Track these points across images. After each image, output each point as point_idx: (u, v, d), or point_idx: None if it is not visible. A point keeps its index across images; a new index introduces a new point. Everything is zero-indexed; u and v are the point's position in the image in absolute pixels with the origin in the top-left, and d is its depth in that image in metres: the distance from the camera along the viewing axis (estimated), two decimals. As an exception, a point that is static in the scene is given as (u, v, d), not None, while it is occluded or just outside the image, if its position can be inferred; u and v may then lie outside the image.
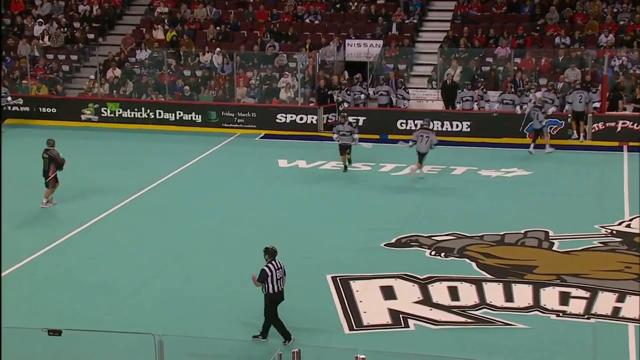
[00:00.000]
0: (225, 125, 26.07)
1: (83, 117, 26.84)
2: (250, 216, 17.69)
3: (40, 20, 29.38)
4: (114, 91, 27.43)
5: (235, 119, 26.15)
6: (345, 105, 25.18)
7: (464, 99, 24.97)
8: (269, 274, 11.69)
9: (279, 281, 11.80)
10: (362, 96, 25.68)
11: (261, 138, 25.43)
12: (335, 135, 21.13)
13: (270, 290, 11.74)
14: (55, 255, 15.53)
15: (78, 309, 13.01)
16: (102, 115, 26.79)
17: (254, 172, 21.29)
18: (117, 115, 26.73)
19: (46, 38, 28.83)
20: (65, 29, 29.33)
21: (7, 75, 27.61)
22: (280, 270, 11.84)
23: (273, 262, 11.83)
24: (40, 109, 26.80)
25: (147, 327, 10.91)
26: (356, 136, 20.99)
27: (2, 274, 14.33)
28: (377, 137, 24.80)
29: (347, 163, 20.95)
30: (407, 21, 28.49)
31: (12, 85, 27.48)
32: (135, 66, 28.06)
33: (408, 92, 25.72)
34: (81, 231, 16.75)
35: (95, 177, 20.66)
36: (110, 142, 24.80)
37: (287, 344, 11.65)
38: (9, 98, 25.57)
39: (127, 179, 20.36)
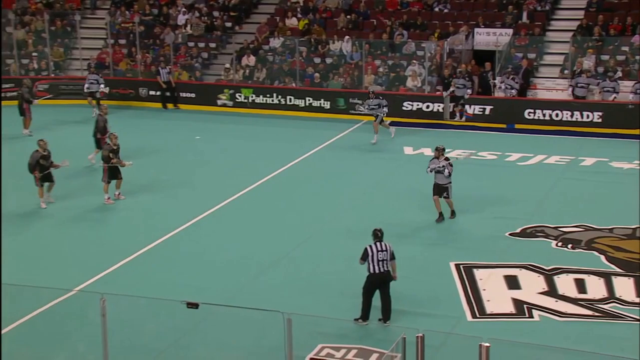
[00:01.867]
0: (353, 112, 26.12)
1: (219, 102, 27.52)
2: (376, 202, 17.66)
3: (184, 9, 30.30)
4: (247, 75, 27.96)
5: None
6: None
7: (604, 89, 23.97)
8: (369, 253, 11.73)
9: (380, 262, 11.76)
10: (469, 91, 24.99)
11: (387, 125, 25.29)
12: (428, 169, 16.38)
13: (371, 270, 11.77)
14: (193, 233, 16.00)
15: (213, 284, 13.38)
16: (237, 100, 27.38)
17: (380, 158, 21.25)
18: (250, 100, 27.27)
19: (188, 27, 29.71)
20: (206, 17, 30.12)
21: (153, 61, 28.65)
22: (383, 252, 11.79)
23: (378, 243, 11.83)
24: (180, 93, 27.67)
25: (277, 304, 11.09)
26: (448, 172, 16.07)
27: (147, 248, 14.98)
28: (504, 126, 24.29)
29: (441, 209, 16.26)
30: (538, 9, 27.61)
31: (156, 71, 28.50)
32: (269, 53, 28.50)
33: (516, 82, 24.92)
34: (216, 210, 17.17)
35: (228, 160, 21.18)
36: (244, 126, 25.32)
37: (358, 322, 11.76)
38: (102, 85, 26.23)
39: (257, 163, 20.72)
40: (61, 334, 11.67)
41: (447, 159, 16.20)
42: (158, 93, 27.51)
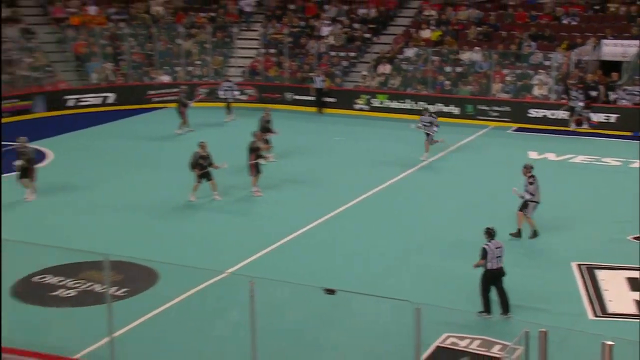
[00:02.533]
0: (480, 117, 25.57)
1: (356, 106, 27.64)
2: (499, 202, 17.12)
3: (328, 22, 30.59)
4: (382, 82, 27.90)
5: (490, 112, 25.56)
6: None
7: None
8: (489, 251, 11.44)
9: (497, 259, 11.48)
10: (581, 104, 23.64)
11: (513, 131, 24.62)
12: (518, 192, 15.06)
13: (489, 267, 11.47)
14: (332, 225, 16.11)
15: (349, 273, 13.44)
16: (372, 105, 27.40)
17: (505, 162, 20.63)
18: (385, 105, 27.22)
19: (331, 37, 29.98)
20: (347, 29, 30.29)
21: (298, 69, 29.14)
22: (499, 249, 11.51)
23: (492, 241, 11.55)
24: (323, 98, 27.93)
25: (405, 294, 10.98)
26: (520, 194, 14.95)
27: (290, 237, 15.18)
28: (630, 133, 23.05)
29: (535, 227, 14.95)
30: (668, 21, 26.00)
31: (301, 78, 28.95)
32: (403, 62, 28.33)
33: (631, 94, 23.44)
34: (353, 205, 17.21)
35: (364, 160, 21.14)
36: (378, 129, 25.28)
37: (482, 315, 11.47)
38: (236, 93, 26.38)
39: (391, 163, 20.61)
40: (214, 311, 12.04)
41: (531, 176, 14.77)
42: (307, 98, 27.82)
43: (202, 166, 17.24)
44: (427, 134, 20.77)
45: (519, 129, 24.60)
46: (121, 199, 17.68)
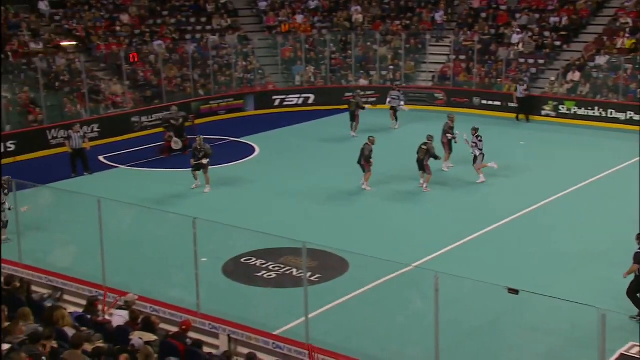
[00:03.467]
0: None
1: (543, 112, 26.46)
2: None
3: (518, 30, 29.53)
4: (570, 89, 26.47)
5: (686, 121, 23.42)
6: None
7: None
8: None
9: None
10: None
11: None
12: None
13: None
14: (516, 226, 15.66)
15: (531, 272, 12.98)
16: (560, 111, 26.08)
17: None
18: (572, 112, 25.81)
19: (520, 45, 28.92)
20: (537, 37, 29.06)
21: (486, 75, 28.43)
22: None
23: None
24: (508, 104, 27.03)
25: (589, 299, 10.36)
26: None
27: (478, 234, 14.96)
28: None
29: None
30: None
31: (489, 83, 28.22)
32: (594, 70, 26.67)
33: None
34: (536, 208, 16.63)
35: (545, 165, 20.22)
36: (564, 135, 24.03)
37: None
38: (402, 103, 25.50)
39: (574, 169, 19.58)
40: (399, 301, 12.12)
41: None
42: (495, 103, 27.18)
43: (369, 158, 17.68)
44: (475, 156, 18.46)
45: None
46: (321, 191, 18.16)
